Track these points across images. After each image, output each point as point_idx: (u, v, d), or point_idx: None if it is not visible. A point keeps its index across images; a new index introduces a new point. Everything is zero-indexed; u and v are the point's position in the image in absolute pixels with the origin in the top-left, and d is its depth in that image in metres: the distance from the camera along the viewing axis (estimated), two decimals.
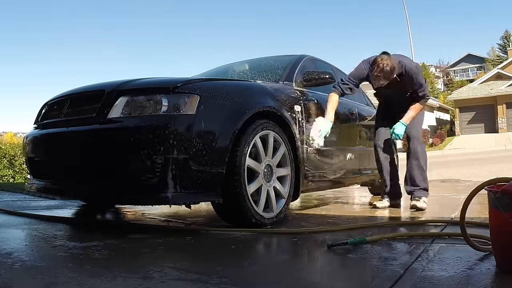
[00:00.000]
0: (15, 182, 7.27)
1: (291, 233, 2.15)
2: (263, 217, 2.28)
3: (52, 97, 2.65)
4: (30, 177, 2.66)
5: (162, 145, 1.95)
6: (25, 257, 1.56)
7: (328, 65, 3.81)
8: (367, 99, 4.61)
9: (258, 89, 2.61)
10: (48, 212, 2.90)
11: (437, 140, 23.24)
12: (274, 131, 2.44)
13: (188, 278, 1.31)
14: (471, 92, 26.69)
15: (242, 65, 3.68)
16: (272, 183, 2.41)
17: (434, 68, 46.80)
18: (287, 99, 2.74)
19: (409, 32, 21.15)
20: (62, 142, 2.25)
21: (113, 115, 2.08)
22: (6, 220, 2.46)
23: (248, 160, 2.22)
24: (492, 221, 1.42)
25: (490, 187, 1.43)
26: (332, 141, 3.18)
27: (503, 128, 25.14)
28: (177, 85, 2.09)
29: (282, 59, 3.41)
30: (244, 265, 1.52)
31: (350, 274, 1.42)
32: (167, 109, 2.03)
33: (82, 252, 1.68)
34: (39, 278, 1.29)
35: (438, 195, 4.12)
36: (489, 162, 9.34)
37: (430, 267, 1.43)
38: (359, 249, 1.73)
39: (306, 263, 1.63)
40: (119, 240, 1.95)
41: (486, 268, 1.41)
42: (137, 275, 1.32)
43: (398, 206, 3.22)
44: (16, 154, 7.67)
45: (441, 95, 38.19)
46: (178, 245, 1.89)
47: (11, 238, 1.96)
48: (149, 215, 2.93)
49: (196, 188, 2.04)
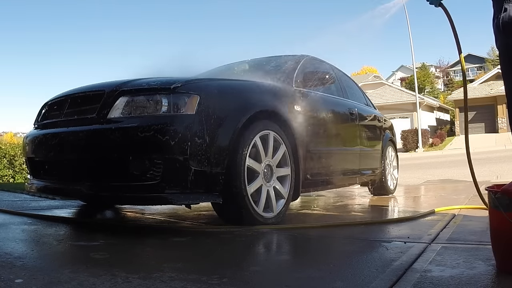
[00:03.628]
0: (15, 182, 7.27)
1: (289, 228, 2.16)
2: (263, 217, 2.28)
3: (52, 97, 2.65)
4: (30, 177, 2.66)
5: (162, 145, 1.95)
6: (25, 257, 1.56)
7: (328, 65, 3.81)
8: (367, 99, 4.61)
9: (258, 89, 2.60)
10: (48, 212, 2.90)
11: (437, 140, 23.24)
12: (274, 131, 2.44)
13: (188, 278, 1.31)
14: (471, 92, 26.64)
15: (242, 65, 3.67)
16: (272, 183, 2.41)
17: (434, 68, 46.82)
18: (287, 99, 2.74)
19: (409, 32, 21.19)
20: (62, 142, 2.25)
21: (113, 115, 2.08)
22: (6, 220, 2.46)
23: (248, 160, 2.22)
24: (492, 221, 1.42)
25: (490, 187, 1.43)
26: (332, 141, 3.18)
27: (503, 128, 25.14)
28: (177, 85, 2.09)
29: (282, 59, 3.41)
30: (244, 265, 1.52)
31: (350, 273, 1.42)
32: (167, 109, 2.03)
33: (82, 252, 1.68)
34: (39, 278, 1.29)
35: (438, 195, 4.13)
36: (489, 162, 9.33)
37: (430, 267, 1.43)
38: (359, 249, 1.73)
39: (306, 263, 1.63)
40: (119, 240, 1.96)
41: (486, 268, 1.41)
42: (137, 275, 1.32)
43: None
44: (16, 154, 7.67)
45: (441, 95, 38.21)
46: (178, 245, 1.89)
47: (11, 238, 1.95)
48: (149, 215, 2.93)
49: (196, 188, 2.04)
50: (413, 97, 23.28)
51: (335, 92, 3.66)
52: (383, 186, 4.38)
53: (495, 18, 1.69)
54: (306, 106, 2.90)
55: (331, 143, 3.18)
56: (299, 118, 2.75)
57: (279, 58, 3.52)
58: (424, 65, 41.08)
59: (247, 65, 3.64)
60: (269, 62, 3.50)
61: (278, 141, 2.48)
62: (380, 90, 27.40)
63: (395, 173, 4.79)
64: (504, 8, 1.62)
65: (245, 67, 3.61)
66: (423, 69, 39.66)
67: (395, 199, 4.20)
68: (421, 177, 7.44)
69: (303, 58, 3.34)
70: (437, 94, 39.11)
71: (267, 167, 2.40)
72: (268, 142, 2.40)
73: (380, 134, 4.39)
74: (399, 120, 23.82)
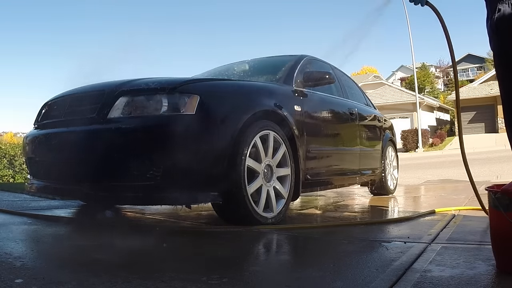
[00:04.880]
0: (15, 182, 7.27)
1: (289, 228, 2.16)
2: (263, 217, 2.28)
3: (52, 97, 2.65)
4: (30, 177, 2.66)
5: (162, 145, 1.95)
6: (25, 257, 1.56)
7: (328, 65, 3.81)
8: (367, 99, 4.61)
9: (258, 89, 2.60)
10: (48, 212, 2.90)
11: (437, 140, 23.24)
12: (274, 131, 2.43)
13: (188, 278, 1.31)
14: (471, 92, 26.67)
15: (242, 65, 3.68)
16: (272, 183, 2.41)
17: (434, 68, 46.82)
18: (287, 99, 2.74)
19: (409, 32, 21.19)
20: (62, 142, 2.25)
21: (113, 115, 2.08)
22: (6, 220, 2.46)
23: (248, 160, 2.22)
24: (492, 221, 1.42)
25: (490, 187, 1.43)
26: (332, 141, 3.18)
27: (503, 128, 24.98)
28: (177, 85, 2.09)
29: (282, 59, 3.41)
30: (244, 265, 1.52)
31: (350, 273, 1.42)
32: (167, 109, 2.03)
33: (82, 252, 1.68)
34: (39, 278, 1.29)
35: (438, 195, 4.13)
36: (490, 162, 9.32)
37: (430, 267, 1.43)
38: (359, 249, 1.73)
39: (306, 263, 1.63)
40: (119, 240, 1.95)
41: (486, 268, 1.41)
42: (137, 275, 1.32)
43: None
44: (16, 154, 7.67)
45: (441, 95, 38.19)
46: (178, 245, 1.89)
47: (11, 238, 1.95)
48: (149, 215, 2.93)
49: (196, 188, 2.04)
50: (413, 97, 23.28)
51: (335, 92, 3.66)
52: (383, 186, 4.38)
53: (489, 19, 1.67)
54: (306, 106, 2.90)
55: (331, 143, 3.18)
56: (299, 118, 2.75)
57: (279, 58, 3.52)
58: (424, 65, 41.07)
59: (247, 65, 3.64)
60: (269, 62, 3.50)
61: (278, 141, 2.48)
62: (380, 90, 27.40)
63: (395, 173, 4.79)
64: (498, 8, 1.61)
65: (245, 67, 3.61)
66: (423, 69, 39.65)
67: (395, 199, 4.20)
68: (421, 177, 7.44)
69: (303, 58, 3.34)
70: (437, 94, 39.09)
71: (267, 167, 2.40)
72: (268, 142, 2.40)
73: (380, 134, 4.39)
74: (399, 120, 23.82)
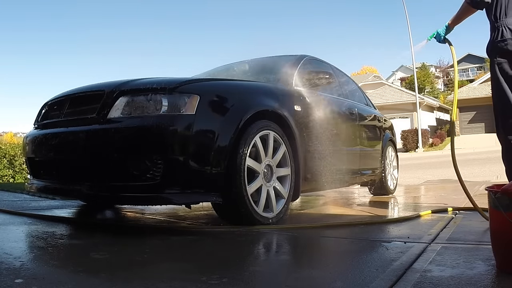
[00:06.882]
0: (15, 182, 7.27)
1: (289, 228, 2.16)
2: (263, 217, 2.28)
3: (52, 97, 2.65)
4: (30, 177, 2.66)
5: (162, 145, 1.95)
6: (25, 257, 1.56)
7: (328, 65, 3.81)
8: (367, 99, 4.61)
9: (258, 89, 2.60)
10: (48, 212, 2.90)
11: (437, 140, 23.24)
12: (274, 131, 2.44)
13: (188, 278, 1.31)
14: (471, 92, 26.68)
15: (242, 65, 3.68)
16: (272, 183, 2.41)
17: (434, 68, 46.81)
18: (287, 99, 2.74)
19: (409, 32, 21.18)
20: (62, 142, 2.25)
21: (113, 115, 2.08)
22: (6, 220, 2.46)
23: (248, 160, 2.22)
24: (492, 221, 1.42)
25: (490, 187, 1.43)
26: (332, 141, 3.18)
27: None
28: (177, 85, 2.09)
29: (282, 59, 3.41)
30: (244, 265, 1.52)
31: (350, 273, 1.42)
32: (167, 109, 2.03)
33: (82, 252, 1.68)
34: (39, 278, 1.29)
35: (438, 195, 4.13)
36: (490, 162, 9.32)
37: (430, 267, 1.43)
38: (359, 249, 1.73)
39: (306, 263, 1.63)
40: (119, 240, 1.96)
41: (486, 268, 1.41)
42: (136, 275, 1.32)
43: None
44: (16, 154, 7.67)
45: (441, 95, 38.20)
46: (178, 245, 1.89)
47: (11, 238, 1.95)
48: (149, 215, 2.93)
49: (196, 188, 2.04)
50: (413, 97, 23.28)
51: (335, 92, 3.66)
52: (383, 186, 4.38)
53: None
54: (306, 106, 2.90)
55: (331, 143, 3.18)
56: (299, 118, 2.75)
57: (279, 58, 3.52)
58: (424, 65, 41.07)
59: (247, 65, 3.64)
60: (269, 62, 3.50)
61: (278, 141, 2.48)
62: (380, 90, 27.40)
63: (395, 173, 4.79)
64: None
65: (245, 67, 3.61)
66: (423, 69, 39.65)
67: (395, 199, 4.20)
68: (421, 177, 7.44)
69: (303, 58, 3.34)
70: (437, 94, 39.10)
71: (267, 167, 2.40)
72: (268, 142, 2.40)
73: (380, 134, 4.39)
74: (399, 120, 23.82)
